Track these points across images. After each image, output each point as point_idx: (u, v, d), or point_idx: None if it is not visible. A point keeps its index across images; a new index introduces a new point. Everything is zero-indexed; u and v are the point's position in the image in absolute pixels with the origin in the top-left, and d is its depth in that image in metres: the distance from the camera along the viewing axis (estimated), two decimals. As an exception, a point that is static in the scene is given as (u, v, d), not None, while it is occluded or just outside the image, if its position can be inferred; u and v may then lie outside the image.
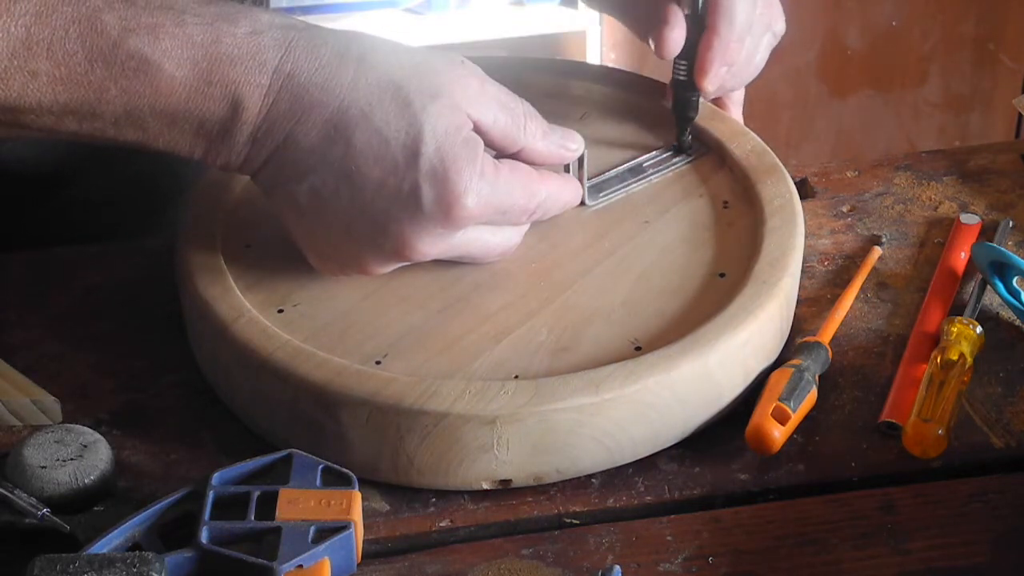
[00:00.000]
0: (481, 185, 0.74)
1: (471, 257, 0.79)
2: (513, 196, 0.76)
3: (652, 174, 0.88)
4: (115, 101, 0.71)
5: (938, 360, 0.78)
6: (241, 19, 0.73)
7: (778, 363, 0.79)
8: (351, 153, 0.73)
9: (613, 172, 0.87)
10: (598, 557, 0.70)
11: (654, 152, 0.89)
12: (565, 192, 0.81)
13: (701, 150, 0.89)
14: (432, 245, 0.75)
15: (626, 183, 0.87)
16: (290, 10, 2.06)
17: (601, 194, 0.86)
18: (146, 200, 1.03)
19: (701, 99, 0.91)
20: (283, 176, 0.74)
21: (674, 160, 0.89)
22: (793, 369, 0.77)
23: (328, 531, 0.68)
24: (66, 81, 0.70)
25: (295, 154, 0.73)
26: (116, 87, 0.71)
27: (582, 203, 0.84)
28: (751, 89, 0.95)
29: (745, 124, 0.90)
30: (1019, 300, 0.83)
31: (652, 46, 0.87)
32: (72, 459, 0.72)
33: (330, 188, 0.73)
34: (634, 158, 0.88)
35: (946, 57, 2.24)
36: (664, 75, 0.92)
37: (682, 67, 0.87)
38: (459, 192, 0.73)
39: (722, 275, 0.80)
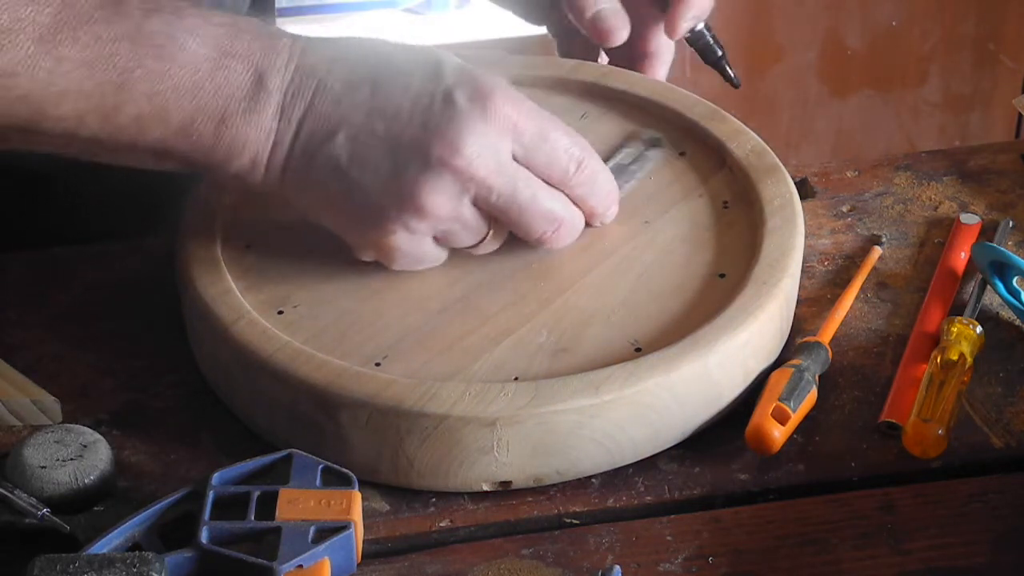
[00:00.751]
0: (513, 92, 0.75)
1: (522, 206, 0.76)
2: (557, 132, 0.76)
3: (637, 171, 0.88)
4: (139, 85, 0.72)
5: (938, 360, 0.78)
6: (253, 20, 0.75)
7: (778, 363, 0.79)
8: (377, 91, 0.74)
9: None
10: (598, 557, 0.70)
11: (627, 150, 0.89)
12: (611, 180, 0.81)
13: (664, 141, 0.90)
14: (481, 147, 0.74)
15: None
16: (291, 10, 2.06)
17: None
18: (147, 199, 1.03)
19: (700, 99, 0.91)
20: (316, 140, 0.74)
21: (647, 153, 0.89)
22: (793, 369, 0.77)
23: (328, 531, 0.68)
24: (91, 64, 0.71)
25: (324, 110, 0.74)
26: (141, 68, 0.71)
27: None
28: (751, 89, 0.95)
29: (745, 124, 0.90)
30: (1019, 300, 0.83)
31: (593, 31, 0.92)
32: (72, 459, 0.72)
33: (366, 130, 0.74)
34: (609, 159, 0.87)
35: (946, 57, 2.24)
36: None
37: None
38: (491, 87, 0.74)
39: (722, 276, 0.80)
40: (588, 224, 0.81)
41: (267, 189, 0.77)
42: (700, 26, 0.97)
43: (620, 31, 0.94)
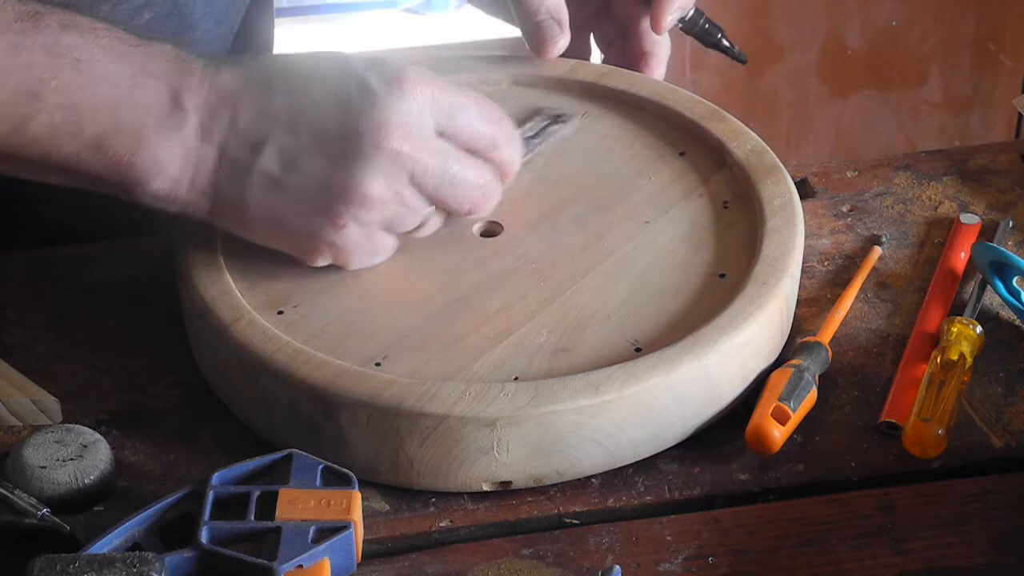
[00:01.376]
0: (423, 69, 0.75)
1: (454, 179, 0.77)
2: (472, 102, 0.77)
3: (539, 144, 0.89)
4: (53, 96, 0.72)
5: (938, 360, 0.78)
6: (166, 44, 0.76)
7: (778, 363, 0.79)
8: (294, 96, 0.74)
9: None
10: (598, 557, 0.70)
11: (528, 125, 0.90)
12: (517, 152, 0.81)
13: (571, 117, 0.91)
14: (406, 124, 0.74)
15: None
16: (291, 10, 2.06)
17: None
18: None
19: (700, 98, 0.91)
20: (244, 157, 0.75)
21: (551, 128, 0.90)
22: (793, 369, 0.77)
23: (328, 531, 0.68)
24: (5, 71, 0.71)
25: (245, 126, 0.74)
26: (56, 80, 0.72)
27: None
28: (751, 89, 0.95)
29: (745, 124, 0.90)
30: (1019, 300, 0.83)
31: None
32: (72, 459, 0.72)
33: (291, 135, 0.74)
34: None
35: (946, 57, 2.24)
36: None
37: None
38: (401, 68, 0.75)
39: (722, 276, 0.80)
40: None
41: (189, 213, 0.77)
42: (691, 13, 0.96)
43: (557, 43, 0.92)
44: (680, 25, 0.97)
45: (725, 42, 0.98)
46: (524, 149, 0.85)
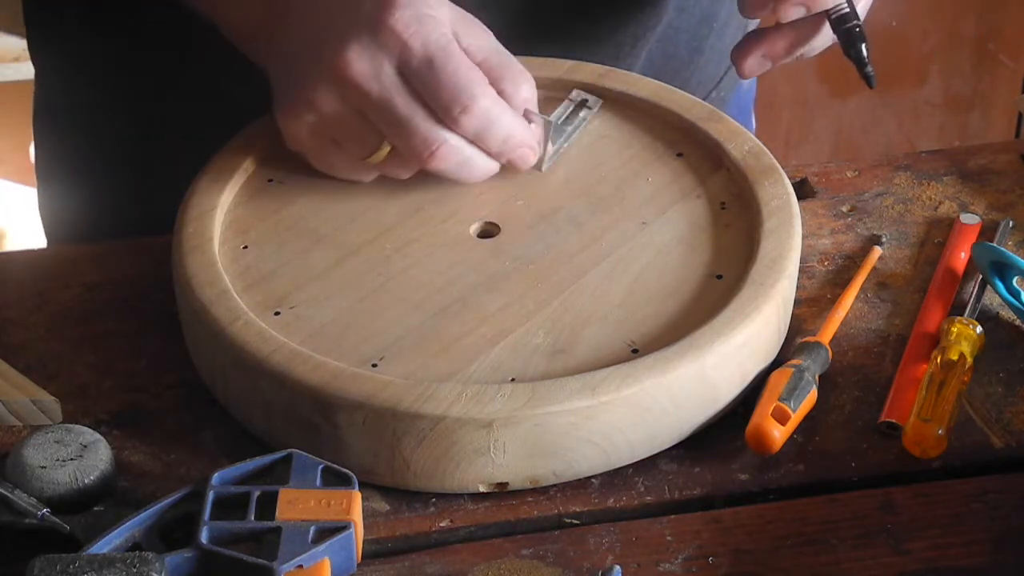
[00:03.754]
0: (430, 17, 0.78)
1: (399, 120, 0.79)
2: (452, 68, 0.78)
3: (572, 132, 0.89)
4: None
5: (938, 360, 0.78)
6: None
7: (777, 363, 0.79)
8: None
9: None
10: (598, 557, 0.71)
11: (558, 110, 0.90)
12: (516, 127, 0.81)
13: (599, 100, 0.91)
14: (360, 55, 0.77)
15: (557, 145, 0.88)
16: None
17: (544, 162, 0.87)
18: (148, 199, 1.03)
19: (698, 99, 0.91)
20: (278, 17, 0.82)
21: (580, 113, 0.90)
22: (793, 369, 0.77)
23: (328, 531, 0.68)
24: None
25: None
26: None
27: (538, 167, 0.86)
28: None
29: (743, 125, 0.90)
30: (1019, 300, 0.83)
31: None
32: (72, 459, 0.72)
33: (303, 20, 0.81)
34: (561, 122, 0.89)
35: (946, 57, 2.24)
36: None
37: (841, 6, 0.86)
38: (400, 5, 0.78)
39: (719, 277, 0.80)
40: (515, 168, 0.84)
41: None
42: (845, 10, 0.87)
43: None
44: (832, 15, 0.87)
45: (865, 54, 0.88)
46: (559, 137, 0.87)
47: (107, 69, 1.02)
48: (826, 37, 0.88)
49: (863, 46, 0.87)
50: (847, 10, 0.86)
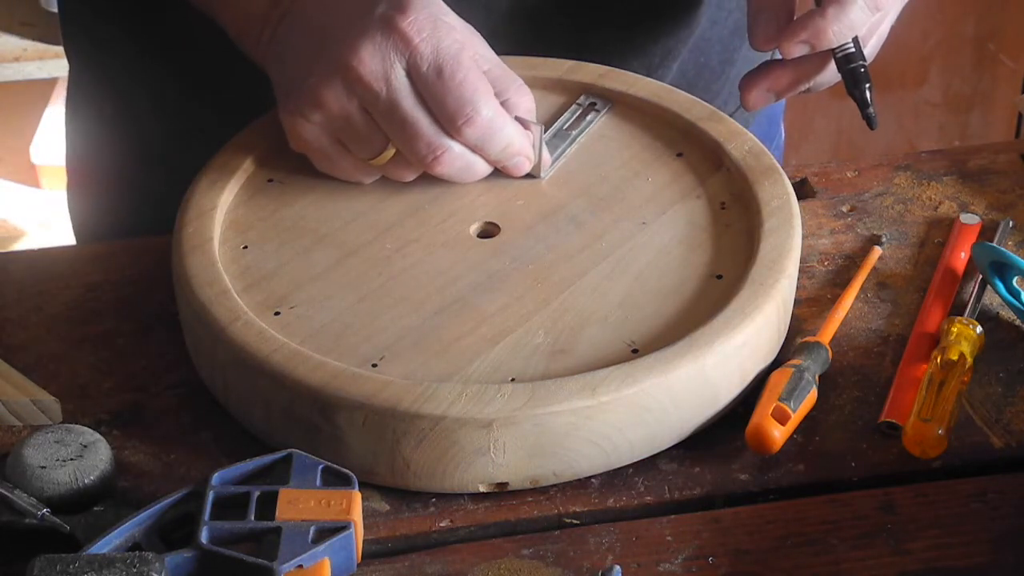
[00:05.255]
0: (445, 25, 0.79)
1: (403, 121, 0.80)
2: (460, 78, 0.79)
3: (577, 135, 0.89)
4: None
5: (938, 360, 0.78)
6: None
7: (777, 363, 0.79)
8: None
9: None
10: (598, 557, 0.71)
11: (565, 114, 0.90)
12: (516, 137, 0.82)
13: (608, 103, 0.91)
14: (372, 56, 0.78)
15: (560, 150, 0.88)
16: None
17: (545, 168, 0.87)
18: (147, 198, 1.03)
19: (698, 99, 0.91)
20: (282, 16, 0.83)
21: (587, 117, 0.90)
22: (793, 369, 0.77)
23: (328, 531, 0.68)
24: None
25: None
26: None
27: (535, 176, 0.86)
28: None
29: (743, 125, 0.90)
30: (1019, 300, 0.83)
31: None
32: (72, 459, 0.72)
33: (310, 20, 0.82)
34: (559, 129, 0.90)
35: (946, 57, 2.24)
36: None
37: (847, 46, 0.86)
38: (415, 8, 0.79)
39: (719, 277, 0.80)
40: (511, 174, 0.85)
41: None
42: (851, 50, 0.86)
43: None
44: (838, 54, 0.87)
45: (868, 96, 0.87)
46: (562, 142, 0.88)
47: (139, 70, 1.02)
48: (832, 74, 0.89)
49: (867, 87, 0.87)
50: (853, 50, 0.87)
